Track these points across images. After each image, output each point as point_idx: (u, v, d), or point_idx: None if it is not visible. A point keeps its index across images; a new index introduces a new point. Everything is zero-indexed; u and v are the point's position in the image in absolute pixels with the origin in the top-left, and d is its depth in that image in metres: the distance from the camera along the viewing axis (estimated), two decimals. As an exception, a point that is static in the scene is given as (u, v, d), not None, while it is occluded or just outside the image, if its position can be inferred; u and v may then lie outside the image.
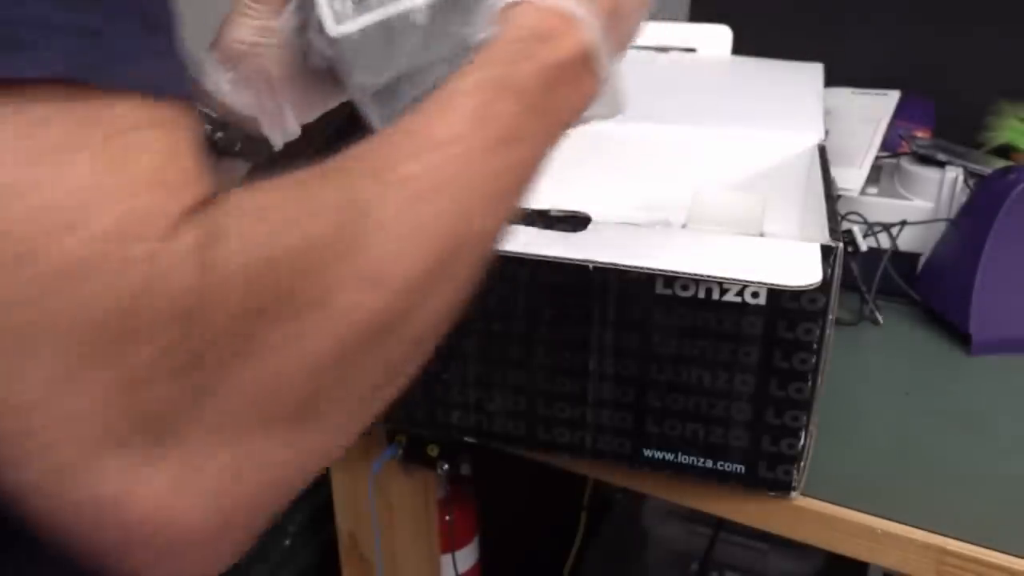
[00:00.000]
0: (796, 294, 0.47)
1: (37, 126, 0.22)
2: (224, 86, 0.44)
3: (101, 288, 0.22)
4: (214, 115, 0.44)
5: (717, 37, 0.85)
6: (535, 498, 1.05)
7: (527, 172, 0.33)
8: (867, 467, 0.58)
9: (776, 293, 0.48)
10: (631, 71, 0.58)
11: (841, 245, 0.47)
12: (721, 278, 0.48)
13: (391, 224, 0.27)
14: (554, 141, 0.34)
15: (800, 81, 0.80)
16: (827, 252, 0.47)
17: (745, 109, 0.76)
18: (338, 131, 0.45)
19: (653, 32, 0.85)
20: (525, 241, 0.51)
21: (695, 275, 0.49)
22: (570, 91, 0.34)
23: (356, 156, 0.29)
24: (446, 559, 0.84)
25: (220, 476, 0.25)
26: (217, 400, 0.24)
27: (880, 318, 0.78)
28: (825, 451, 0.57)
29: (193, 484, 0.24)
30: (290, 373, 0.25)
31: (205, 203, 0.25)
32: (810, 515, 0.55)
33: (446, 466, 0.74)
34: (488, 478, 0.82)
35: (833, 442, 0.59)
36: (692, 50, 0.85)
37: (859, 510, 0.54)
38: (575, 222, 0.53)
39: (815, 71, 0.81)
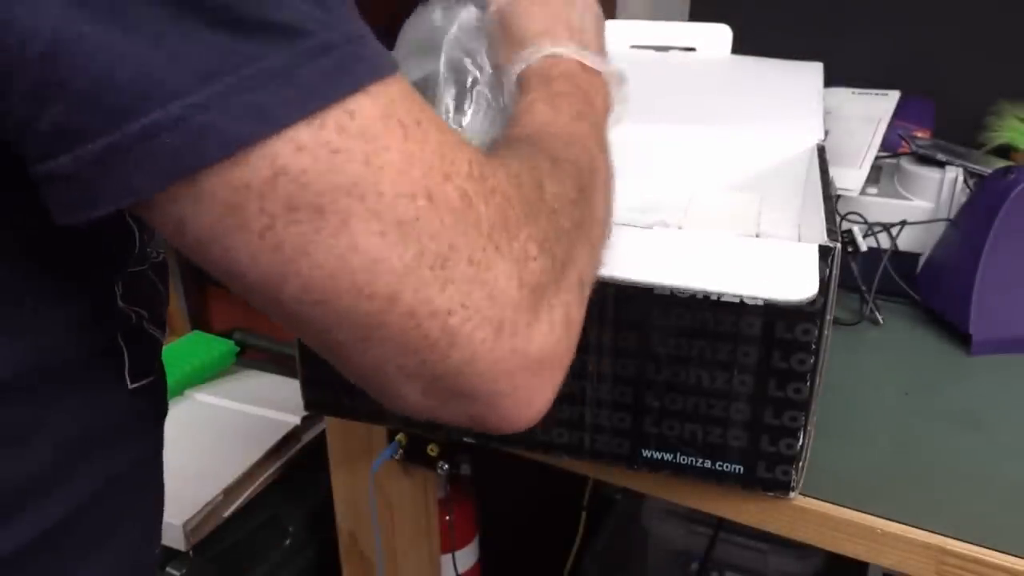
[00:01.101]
0: (795, 294, 0.48)
1: (389, 113, 0.30)
2: None
3: (484, 209, 0.32)
4: None
5: (717, 37, 0.85)
6: (535, 498, 1.05)
7: (600, 130, 0.48)
8: (867, 467, 0.58)
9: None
10: (631, 71, 0.58)
11: (839, 246, 0.47)
12: (718, 292, 0.48)
13: (562, 157, 0.42)
14: (602, 111, 0.50)
15: (800, 81, 0.80)
16: (825, 252, 0.47)
17: (744, 109, 0.75)
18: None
19: (653, 31, 0.86)
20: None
21: (692, 290, 0.49)
22: (587, 84, 0.50)
23: (511, 136, 0.44)
24: (446, 559, 0.84)
25: (566, 320, 0.36)
26: (557, 262, 0.36)
27: (880, 318, 0.78)
28: (825, 451, 0.57)
29: (556, 326, 0.35)
30: (574, 241, 0.38)
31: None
32: (810, 515, 0.55)
33: (446, 466, 0.75)
34: (488, 478, 0.83)
35: (833, 442, 0.59)
36: (692, 49, 0.85)
37: (859, 510, 0.54)
38: None
39: (815, 71, 0.81)
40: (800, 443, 0.51)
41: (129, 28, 0.27)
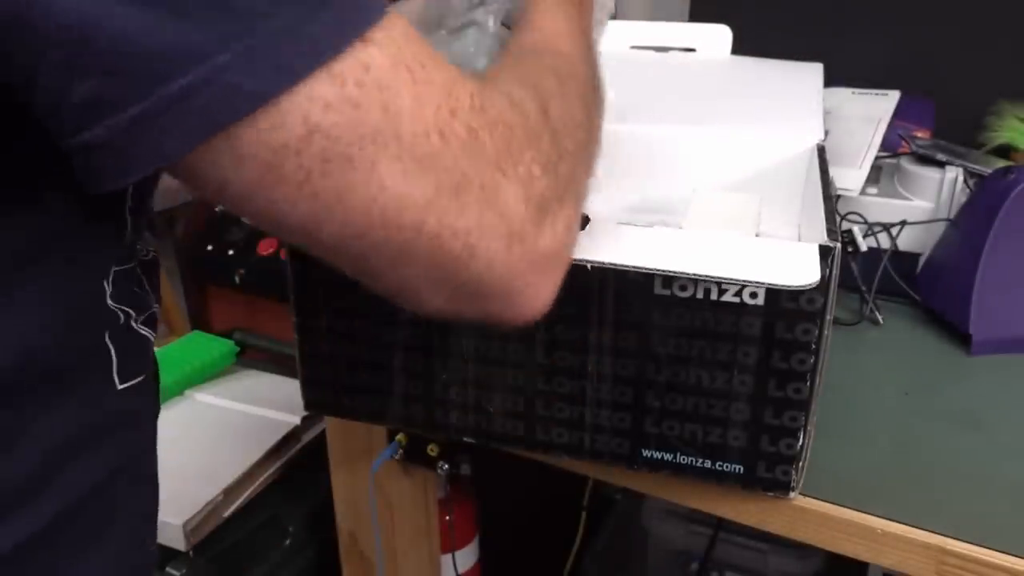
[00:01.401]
0: (794, 294, 0.47)
1: (397, 60, 0.33)
2: None
3: (488, 138, 0.36)
4: None
5: (717, 37, 0.85)
6: (535, 498, 1.05)
7: (594, 45, 0.53)
8: (867, 467, 0.58)
9: (775, 294, 0.48)
10: (631, 71, 0.58)
11: (839, 245, 0.47)
12: (719, 278, 0.48)
13: (570, 75, 0.46)
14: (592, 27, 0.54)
15: (800, 81, 0.80)
16: (825, 252, 0.47)
17: (744, 109, 0.75)
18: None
19: (653, 32, 0.86)
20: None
21: (693, 275, 0.49)
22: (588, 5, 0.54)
23: (523, 43, 0.47)
24: (446, 559, 0.84)
25: (567, 228, 0.40)
26: (560, 180, 0.40)
27: (880, 318, 0.78)
28: (825, 451, 0.57)
29: (559, 233, 0.39)
30: (574, 159, 0.42)
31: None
32: (810, 515, 0.55)
33: (446, 466, 0.75)
34: (488, 478, 0.82)
35: (833, 442, 0.59)
36: (692, 50, 0.85)
37: (859, 510, 0.54)
38: None
39: (815, 71, 0.81)
40: (800, 443, 0.51)
41: None
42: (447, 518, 0.83)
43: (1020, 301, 0.73)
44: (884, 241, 0.81)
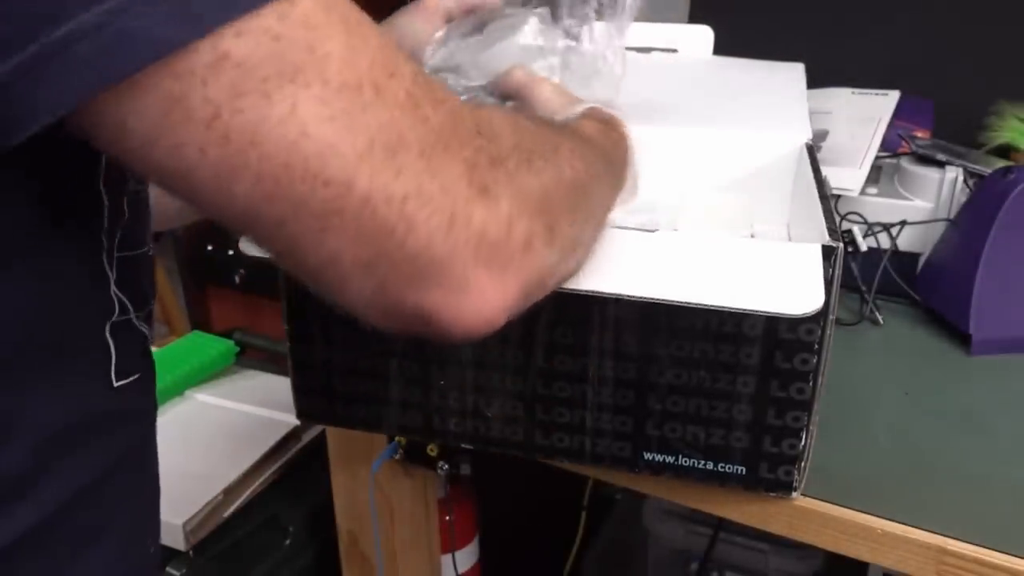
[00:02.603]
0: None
1: (330, 7, 0.30)
2: None
3: (431, 112, 0.33)
4: None
5: (698, 38, 0.84)
6: (535, 498, 1.05)
7: (616, 182, 0.51)
8: (867, 467, 0.58)
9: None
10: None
11: (841, 246, 0.47)
12: (724, 308, 0.48)
13: (575, 134, 0.46)
14: (621, 180, 0.52)
15: (783, 81, 0.79)
16: (828, 253, 0.47)
17: (730, 110, 0.75)
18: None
19: (635, 32, 0.85)
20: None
21: (698, 305, 0.48)
22: (626, 153, 0.53)
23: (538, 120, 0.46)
24: (446, 559, 0.84)
25: (527, 239, 0.36)
26: (516, 184, 0.36)
27: (880, 318, 0.78)
28: (825, 451, 0.57)
29: (519, 234, 0.35)
30: (546, 184, 0.38)
31: None
32: (810, 515, 0.55)
33: (446, 466, 0.75)
34: (488, 478, 0.83)
35: (833, 442, 0.59)
36: (673, 51, 0.85)
37: (859, 510, 0.54)
38: None
39: (797, 71, 0.81)
40: (803, 443, 0.51)
41: None
42: (447, 518, 0.83)
43: (1020, 301, 0.73)
44: (884, 241, 0.81)
